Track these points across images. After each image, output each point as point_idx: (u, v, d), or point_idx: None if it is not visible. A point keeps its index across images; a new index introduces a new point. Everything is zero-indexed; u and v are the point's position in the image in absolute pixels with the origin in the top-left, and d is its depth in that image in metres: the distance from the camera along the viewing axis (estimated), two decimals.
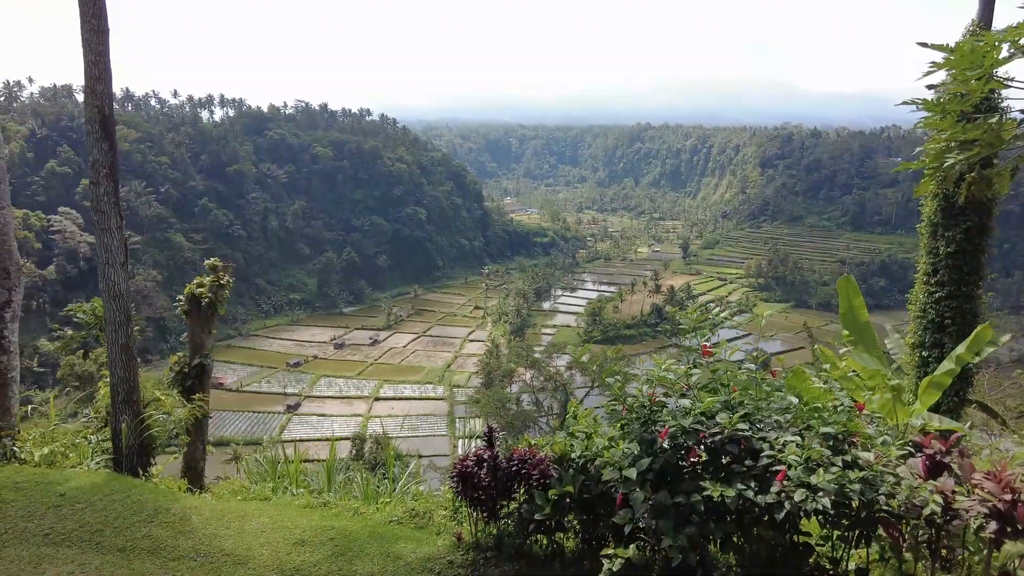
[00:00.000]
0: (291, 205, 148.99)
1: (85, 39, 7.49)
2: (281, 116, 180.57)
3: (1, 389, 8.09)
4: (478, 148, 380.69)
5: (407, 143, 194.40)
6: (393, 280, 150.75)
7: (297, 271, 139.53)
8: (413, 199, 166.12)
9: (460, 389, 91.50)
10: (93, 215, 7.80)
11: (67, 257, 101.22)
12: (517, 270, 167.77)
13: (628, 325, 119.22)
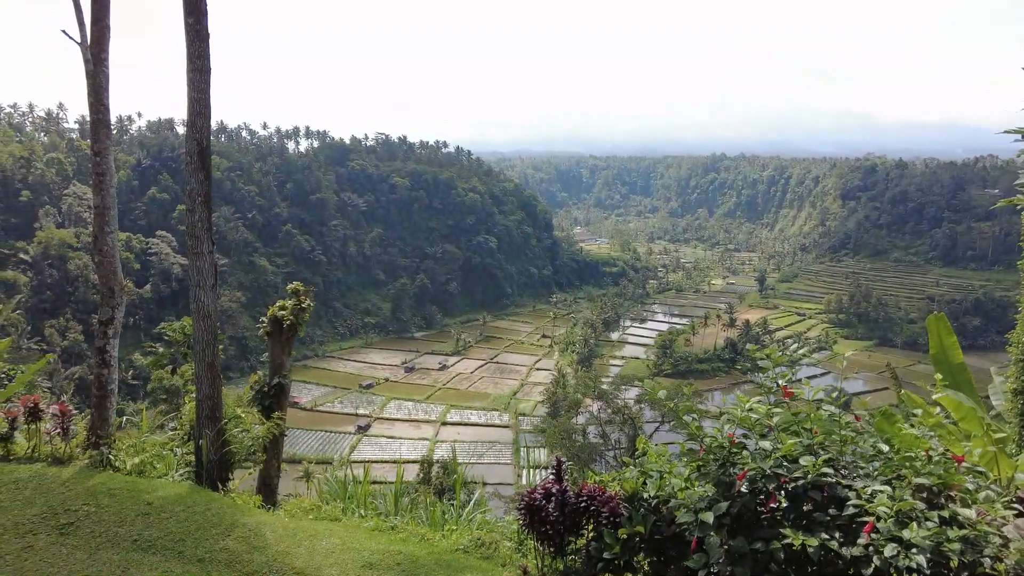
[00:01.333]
0: (369, 232, 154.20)
1: (190, 78, 8.07)
2: (362, 148, 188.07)
3: (101, 400, 8.63)
4: (549, 178, 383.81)
5: (480, 174, 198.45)
6: (463, 306, 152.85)
7: (372, 295, 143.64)
8: (484, 228, 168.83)
9: (525, 418, 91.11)
10: (187, 239, 8.31)
11: (162, 277, 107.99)
12: (585, 299, 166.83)
13: (700, 359, 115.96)
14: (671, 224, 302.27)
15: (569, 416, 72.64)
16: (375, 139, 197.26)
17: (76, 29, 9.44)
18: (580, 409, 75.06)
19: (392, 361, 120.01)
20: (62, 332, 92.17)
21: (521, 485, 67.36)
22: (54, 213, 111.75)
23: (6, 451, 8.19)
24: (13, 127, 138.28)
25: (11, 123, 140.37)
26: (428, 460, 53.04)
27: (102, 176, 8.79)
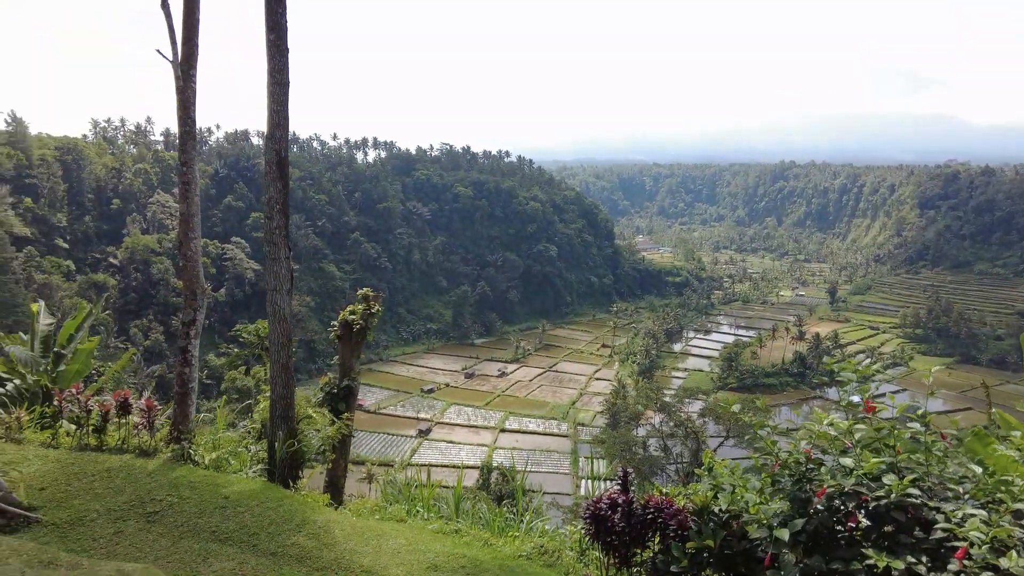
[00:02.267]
0: (433, 240, 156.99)
1: (270, 91, 8.44)
2: (427, 158, 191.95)
3: (182, 397, 9.10)
4: (611, 187, 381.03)
5: (542, 183, 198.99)
6: (522, 314, 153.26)
7: (435, 302, 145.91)
8: (545, 236, 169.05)
9: (584, 428, 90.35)
10: (265, 246, 8.67)
11: (236, 282, 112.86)
12: (647, 309, 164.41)
13: (767, 373, 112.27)
14: (737, 233, 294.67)
15: (629, 428, 71.60)
16: (440, 149, 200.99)
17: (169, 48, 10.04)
18: (641, 421, 73.81)
19: (452, 367, 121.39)
20: (145, 332, 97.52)
21: (579, 495, 66.76)
22: (140, 220, 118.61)
23: (99, 442, 8.73)
24: (107, 140, 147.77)
25: (105, 136, 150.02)
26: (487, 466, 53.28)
27: (188, 185, 9.30)
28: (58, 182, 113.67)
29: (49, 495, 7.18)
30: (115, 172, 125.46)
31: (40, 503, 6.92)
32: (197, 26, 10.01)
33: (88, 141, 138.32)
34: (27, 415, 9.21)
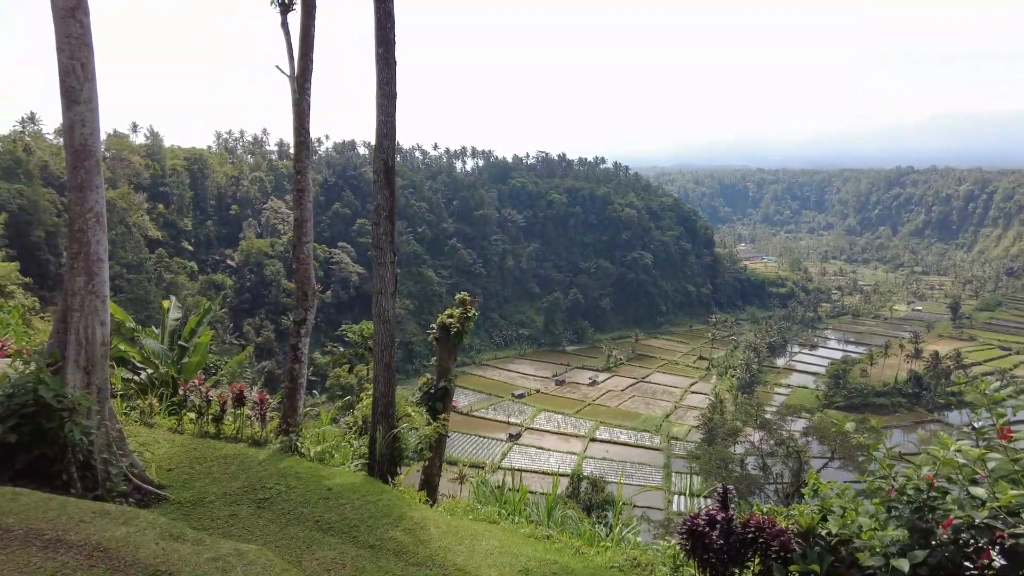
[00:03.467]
0: (527, 247, 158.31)
1: (379, 103, 8.82)
2: (523, 166, 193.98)
3: (292, 392, 9.64)
4: (711, 193, 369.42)
5: (638, 189, 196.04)
6: (615, 323, 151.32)
7: (527, 308, 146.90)
8: (640, 243, 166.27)
9: (678, 442, 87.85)
10: (372, 250, 9.05)
11: (341, 284, 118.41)
12: (748, 321, 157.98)
13: (879, 392, 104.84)
14: (848, 243, 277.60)
15: (726, 444, 68.96)
16: (535, 157, 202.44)
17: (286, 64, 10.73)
18: (739, 438, 70.94)
19: (543, 373, 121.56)
20: (257, 330, 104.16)
21: (671, 510, 64.99)
22: (255, 225, 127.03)
23: (217, 430, 9.41)
24: (228, 150, 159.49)
25: (226, 147, 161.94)
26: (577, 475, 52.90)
27: (302, 192, 9.88)
28: (186, 190, 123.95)
29: (175, 476, 7.82)
30: (234, 180, 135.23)
31: (167, 482, 7.54)
32: (312, 43, 10.63)
33: (212, 152, 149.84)
34: (157, 402, 10.08)
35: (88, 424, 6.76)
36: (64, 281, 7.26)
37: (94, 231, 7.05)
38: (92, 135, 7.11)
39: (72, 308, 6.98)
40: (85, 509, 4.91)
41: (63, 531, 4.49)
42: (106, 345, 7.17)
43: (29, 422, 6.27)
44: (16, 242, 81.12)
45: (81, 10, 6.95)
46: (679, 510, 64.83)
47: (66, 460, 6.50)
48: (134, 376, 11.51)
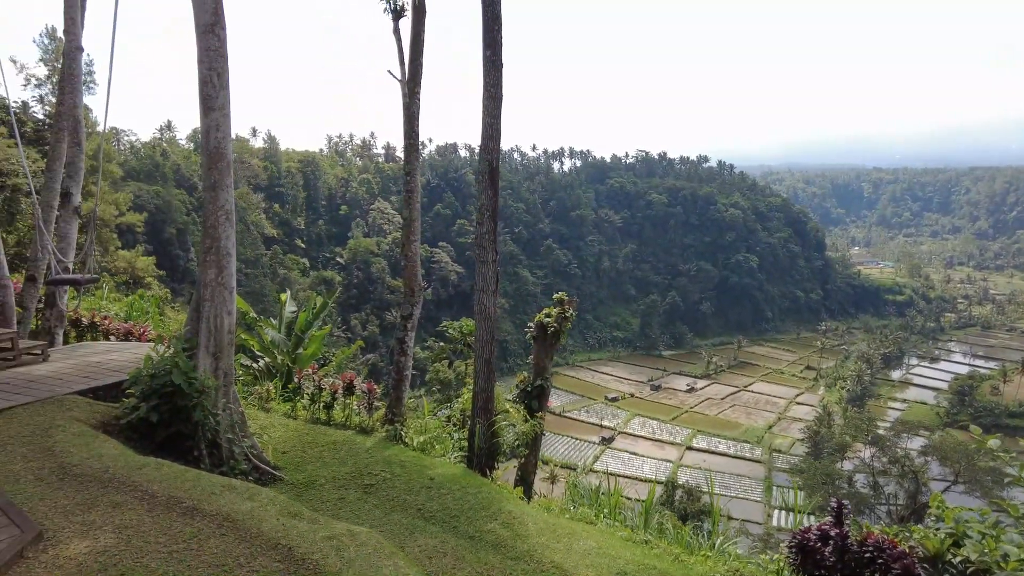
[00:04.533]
0: (623, 248, 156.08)
1: (485, 105, 9.00)
2: (622, 165, 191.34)
3: (398, 384, 10.04)
4: (823, 193, 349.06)
5: (743, 189, 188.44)
6: (715, 328, 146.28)
7: (622, 310, 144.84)
8: (744, 245, 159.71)
9: (780, 455, 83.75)
10: (475, 249, 9.25)
11: (440, 282, 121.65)
12: (861, 330, 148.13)
13: (1013, 412, 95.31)
14: (978, 248, 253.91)
15: (833, 459, 65.04)
16: (635, 156, 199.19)
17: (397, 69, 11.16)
18: (847, 454, 66.73)
19: (638, 377, 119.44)
20: (363, 324, 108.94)
21: (771, 525, 62.12)
22: (362, 224, 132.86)
23: (328, 417, 9.95)
24: (338, 153, 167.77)
25: (337, 150, 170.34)
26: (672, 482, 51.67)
27: (411, 193, 10.26)
28: (300, 190, 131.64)
29: (289, 459, 8.34)
30: (344, 182, 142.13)
31: (282, 464, 8.06)
32: (422, 48, 11.01)
33: (323, 155, 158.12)
34: (274, 389, 10.79)
35: (216, 406, 7.36)
36: (198, 273, 7.94)
37: (224, 227, 7.65)
38: (225, 139, 7.72)
39: (204, 298, 7.61)
40: (216, 483, 5.35)
41: (198, 501, 4.91)
42: (232, 333, 7.77)
43: (168, 402, 6.90)
44: (152, 238, 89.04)
45: (219, 25, 7.56)
46: (779, 525, 61.86)
47: (197, 437, 7.10)
48: (253, 363, 12.38)
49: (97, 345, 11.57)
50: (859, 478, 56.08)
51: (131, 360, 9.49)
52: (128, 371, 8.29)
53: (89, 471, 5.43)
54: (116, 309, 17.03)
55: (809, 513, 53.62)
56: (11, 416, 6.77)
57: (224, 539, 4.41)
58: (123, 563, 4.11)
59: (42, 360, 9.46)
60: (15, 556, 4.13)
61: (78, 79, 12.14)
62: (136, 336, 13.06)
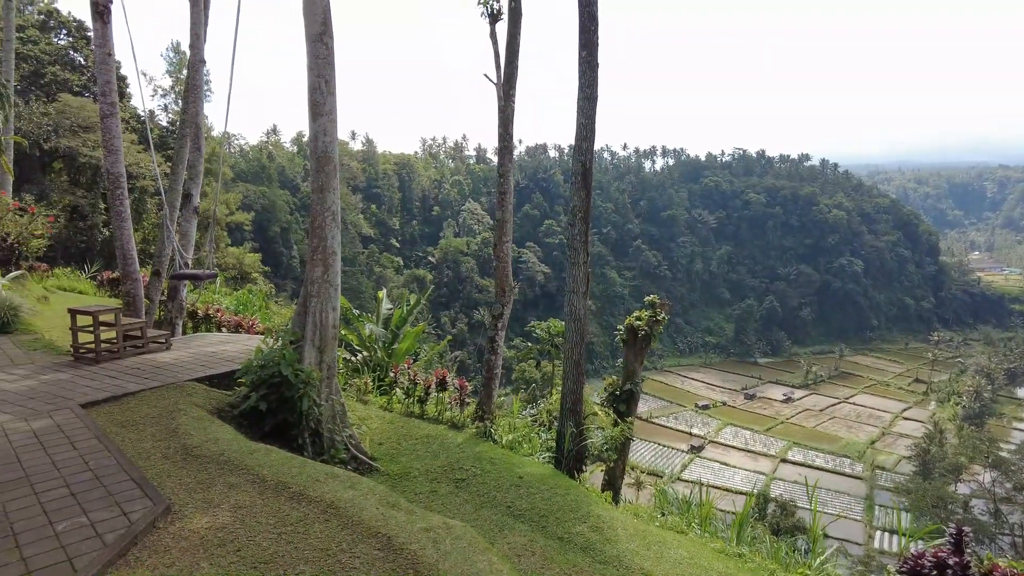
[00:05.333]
0: (717, 250, 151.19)
1: (580, 105, 8.99)
2: (717, 164, 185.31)
3: (488, 381, 10.21)
4: (937, 194, 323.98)
5: (847, 189, 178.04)
6: (816, 335, 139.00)
7: (715, 315, 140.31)
8: (849, 249, 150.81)
9: (885, 473, 78.58)
10: (567, 250, 9.26)
11: (527, 283, 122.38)
12: (980, 341, 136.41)
13: None
14: None
15: (945, 482, 60.37)
16: (731, 154, 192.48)
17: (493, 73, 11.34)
18: (962, 476, 61.71)
19: (731, 385, 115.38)
20: (452, 321, 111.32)
21: (872, 547, 58.43)
22: (453, 225, 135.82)
23: (421, 411, 10.26)
24: (431, 155, 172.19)
25: (431, 153, 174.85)
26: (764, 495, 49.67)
27: (504, 194, 10.40)
28: (395, 192, 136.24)
29: (385, 450, 8.66)
30: (436, 183, 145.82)
31: (378, 455, 8.38)
32: (517, 51, 11.13)
33: (418, 157, 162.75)
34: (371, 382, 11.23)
35: (319, 397, 7.75)
36: (305, 271, 8.39)
37: (330, 228, 8.05)
38: (332, 143, 8.12)
39: (310, 295, 8.04)
40: (320, 470, 5.64)
41: (304, 487, 5.20)
42: (336, 328, 8.16)
43: (275, 391, 7.34)
44: (259, 236, 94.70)
45: (328, 34, 7.96)
46: (882, 548, 58.06)
47: (301, 426, 7.51)
48: (352, 357, 12.92)
49: (212, 336, 12.46)
50: (976, 504, 51.89)
51: (242, 351, 10.15)
52: (240, 361, 8.89)
53: (207, 453, 5.87)
54: (227, 303, 18.26)
55: (918, 538, 50.14)
56: (141, 399, 7.42)
57: (328, 525, 4.64)
58: (238, 540, 4.41)
59: (165, 348, 10.28)
60: (149, 526, 4.54)
61: (200, 89, 13.11)
62: (245, 328, 13.96)
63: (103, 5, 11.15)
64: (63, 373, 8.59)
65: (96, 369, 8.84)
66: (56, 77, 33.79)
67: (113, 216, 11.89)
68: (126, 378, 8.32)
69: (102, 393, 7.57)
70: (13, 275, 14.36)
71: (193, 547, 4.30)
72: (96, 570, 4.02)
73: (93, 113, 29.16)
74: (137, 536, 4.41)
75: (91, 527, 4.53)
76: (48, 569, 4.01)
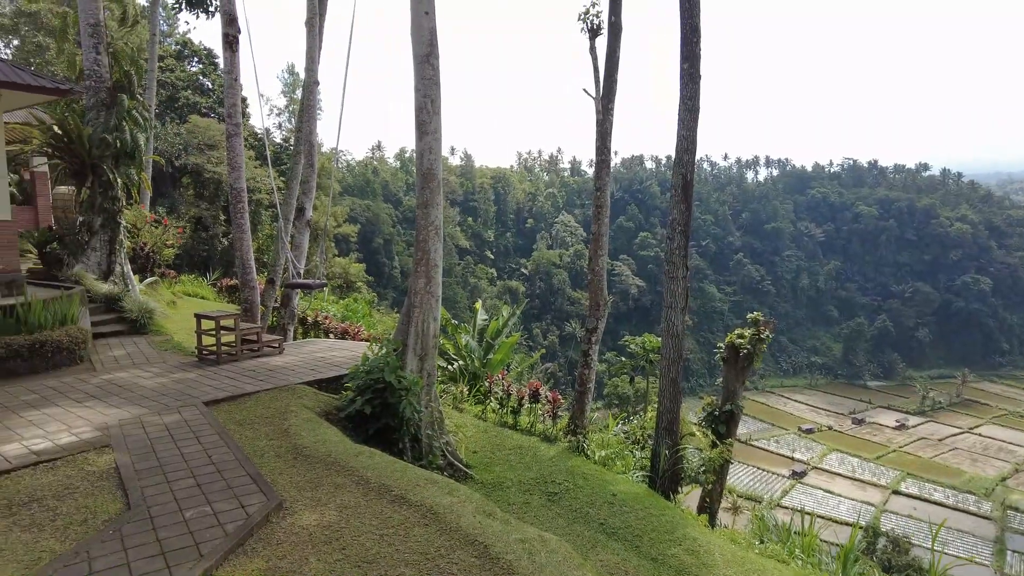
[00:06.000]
0: (825, 265, 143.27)
1: (681, 117, 8.87)
2: (825, 174, 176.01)
3: (581, 395, 10.18)
4: None
5: (974, 200, 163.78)
6: (934, 359, 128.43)
7: (822, 334, 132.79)
8: (974, 265, 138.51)
9: (1018, 514, 71.20)
10: (665, 264, 9.12)
11: (620, 296, 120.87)
12: None
13: None
14: None
15: None
16: (841, 164, 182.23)
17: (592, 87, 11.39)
18: None
19: (837, 408, 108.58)
20: (544, 333, 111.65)
21: None
22: (546, 237, 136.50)
23: (514, 422, 10.37)
24: (527, 169, 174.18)
25: (526, 166, 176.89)
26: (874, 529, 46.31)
27: (600, 208, 10.39)
28: (491, 205, 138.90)
29: (479, 458, 8.82)
30: (531, 196, 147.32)
31: (473, 463, 8.55)
32: (617, 64, 11.12)
33: (513, 170, 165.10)
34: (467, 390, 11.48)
35: (419, 403, 8.02)
36: (409, 281, 8.72)
37: (433, 241, 8.34)
38: (436, 161, 8.42)
39: (413, 305, 8.35)
40: (420, 475, 5.83)
41: (405, 490, 5.40)
42: (437, 337, 8.42)
43: (379, 396, 7.66)
44: (363, 247, 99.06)
45: (434, 55, 8.29)
46: None
47: (402, 431, 7.79)
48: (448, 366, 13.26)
49: (320, 342, 13.16)
50: None
51: (349, 357, 10.65)
52: (346, 367, 9.34)
53: (316, 453, 6.21)
54: (334, 310, 19.22)
55: None
56: (257, 399, 7.96)
57: (427, 529, 4.80)
58: (343, 538, 4.64)
59: (278, 353, 10.97)
60: (264, 519, 4.86)
61: (314, 109, 13.97)
62: (351, 335, 14.64)
63: (232, 36, 12.14)
64: (189, 372, 9.36)
65: (217, 370, 9.57)
66: (188, 100, 36.98)
67: (234, 228, 12.85)
68: (243, 379, 8.94)
69: (222, 392, 8.18)
70: (148, 281, 15.81)
71: (302, 542, 4.57)
72: (219, 556, 4.35)
73: (218, 132, 31.66)
74: (253, 528, 4.74)
75: (214, 516, 4.91)
76: (178, 552, 4.37)
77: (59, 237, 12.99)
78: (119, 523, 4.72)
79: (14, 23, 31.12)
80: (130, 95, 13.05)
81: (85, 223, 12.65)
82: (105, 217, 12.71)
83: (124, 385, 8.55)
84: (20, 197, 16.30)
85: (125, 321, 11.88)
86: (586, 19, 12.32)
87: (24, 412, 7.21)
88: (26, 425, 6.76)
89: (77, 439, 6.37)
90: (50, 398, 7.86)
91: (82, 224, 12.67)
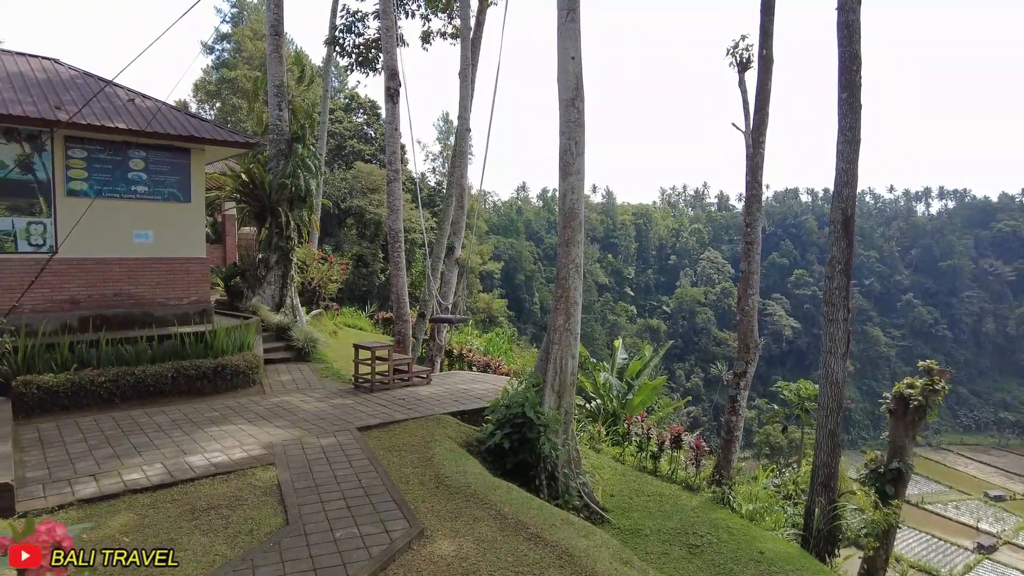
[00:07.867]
0: (1016, 308, 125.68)
1: (840, 149, 8.34)
2: (1014, 205, 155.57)
3: (727, 443, 9.66)
4: None
5: None
6: None
7: (1013, 386, 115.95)
8: None
9: None
10: (823, 305, 8.51)
11: (772, 337, 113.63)
12: None
13: None
14: None
15: None
16: None
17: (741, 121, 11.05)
18: None
19: None
20: (687, 375, 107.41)
21: None
22: (690, 274, 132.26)
23: (654, 467, 10.03)
24: (670, 205, 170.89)
25: (669, 202, 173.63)
26: None
27: (751, 245, 9.95)
28: (632, 241, 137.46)
29: (616, 503, 8.61)
30: (674, 232, 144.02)
31: (610, 507, 8.36)
32: (768, 97, 10.73)
33: (656, 207, 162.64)
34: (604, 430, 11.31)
35: (556, 441, 8.02)
36: (549, 318, 8.85)
37: (573, 279, 8.42)
38: (578, 201, 8.55)
39: (552, 342, 8.44)
40: (556, 515, 5.81)
41: (540, 529, 5.40)
42: (575, 375, 8.43)
43: (518, 431, 7.77)
44: (506, 283, 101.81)
45: (579, 99, 8.49)
46: None
47: (539, 468, 7.82)
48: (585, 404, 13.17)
49: (463, 374, 13.63)
50: None
51: (490, 391, 10.94)
52: (487, 399, 9.59)
53: (456, 484, 6.40)
54: (477, 344, 19.87)
55: None
56: (405, 427, 8.38)
57: (562, 571, 4.75)
58: (479, 572, 4.72)
59: (426, 383, 11.50)
60: (405, 546, 5.08)
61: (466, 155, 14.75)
62: (492, 368, 15.03)
63: (394, 88, 13.22)
64: (346, 399, 10.07)
65: (370, 397, 10.21)
66: (354, 148, 40.56)
67: (391, 265, 13.78)
68: (394, 407, 9.47)
69: (374, 419, 8.70)
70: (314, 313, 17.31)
71: (440, 572, 4.70)
72: None
73: (379, 177, 34.35)
74: (395, 554, 4.96)
75: (360, 539, 5.20)
76: (328, 570, 4.68)
77: (242, 272, 14.65)
78: (279, 536, 5.16)
79: (217, 88, 36.11)
80: (304, 145, 14.57)
81: (263, 260, 14.17)
82: (280, 255, 14.16)
83: (289, 408, 9.38)
84: (213, 237, 18.62)
85: (292, 349, 13.06)
86: (735, 53, 12.04)
87: (207, 427, 8.13)
88: (208, 439, 7.62)
89: (247, 455, 7.07)
90: (228, 416, 8.79)
91: (260, 261, 14.20)
